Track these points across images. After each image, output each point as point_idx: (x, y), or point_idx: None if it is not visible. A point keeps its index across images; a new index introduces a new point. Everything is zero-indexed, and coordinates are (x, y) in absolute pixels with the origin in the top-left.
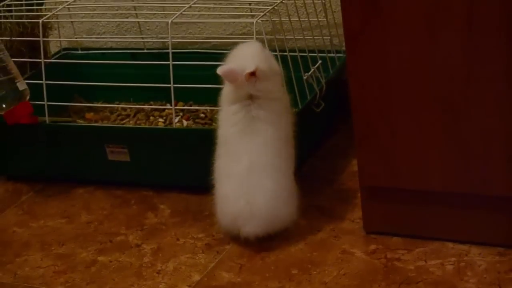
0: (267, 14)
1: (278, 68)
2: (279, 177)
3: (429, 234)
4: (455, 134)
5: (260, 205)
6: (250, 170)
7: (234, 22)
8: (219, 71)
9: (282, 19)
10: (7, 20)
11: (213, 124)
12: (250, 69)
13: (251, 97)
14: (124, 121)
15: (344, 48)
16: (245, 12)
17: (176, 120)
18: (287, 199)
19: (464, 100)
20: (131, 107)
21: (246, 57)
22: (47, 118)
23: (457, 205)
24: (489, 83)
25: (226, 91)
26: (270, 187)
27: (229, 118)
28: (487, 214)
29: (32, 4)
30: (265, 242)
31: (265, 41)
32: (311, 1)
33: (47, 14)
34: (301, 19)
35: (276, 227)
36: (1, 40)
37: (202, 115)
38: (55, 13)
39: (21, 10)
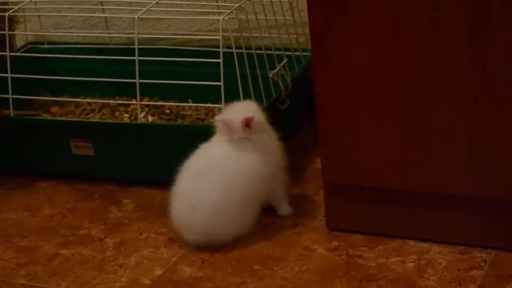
0: (234, 11)
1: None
2: (215, 208)
3: (391, 232)
4: (418, 134)
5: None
6: (194, 193)
7: (201, 19)
8: (218, 118)
9: (248, 17)
10: None
11: (178, 120)
12: (246, 116)
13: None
14: (89, 116)
15: (309, 47)
16: (212, 9)
17: (142, 115)
18: (218, 229)
19: (427, 100)
20: (97, 102)
21: (242, 110)
22: (11, 112)
23: (419, 204)
24: (452, 84)
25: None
26: (203, 217)
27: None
28: (448, 213)
29: None
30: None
31: (232, 38)
32: (278, 0)
33: (14, 8)
34: (267, 17)
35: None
36: None
37: (167, 111)
38: (22, 6)
39: None
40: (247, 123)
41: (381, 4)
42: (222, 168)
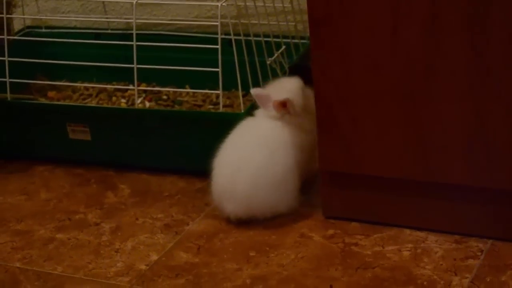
0: None
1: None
2: (259, 180)
3: (387, 220)
4: (415, 123)
5: (239, 203)
6: (237, 165)
7: (199, 5)
8: (252, 92)
9: (247, 3)
10: None
11: (175, 106)
12: (279, 98)
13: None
14: (86, 101)
15: (308, 35)
16: None
17: (139, 101)
18: (264, 203)
19: (424, 90)
20: (94, 87)
21: (283, 88)
22: (8, 95)
23: (415, 192)
24: (449, 74)
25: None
26: (247, 189)
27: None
28: (445, 202)
29: None
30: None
31: (230, 25)
32: None
33: None
34: (266, 4)
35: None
36: None
37: (164, 96)
38: None
39: None
40: (283, 105)
41: None
42: (266, 137)
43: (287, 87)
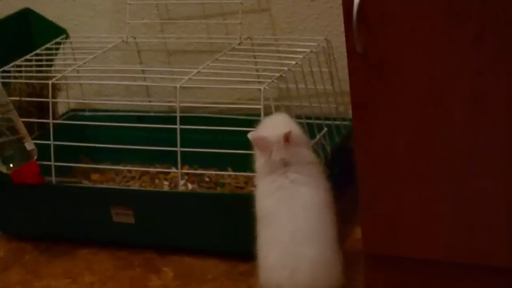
0: (274, 81)
1: (304, 135)
2: (322, 244)
3: None
4: (459, 205)
5: (304, 276)
6: (294, 237)
7: (241, 88)
8: (250, 137)
9: (289, 85)
10: (17, 81)
11: (218, 188)
12: (285, 131)
13: (285, 164)
14: (129, 183)
15: (350, 116)
16: (253, 78)
17: (181, 183)
18: (330, 268)
19: (469, 172)
20: (137, 170)
21: (277, 125)
22: (53, 179)
23: (460, 275)
24: (494, 155)
25: (260, 163)
26: (314, 256)
27: (267, 188)
28: (490, 285)
29: (41, 65)
30: None
31: (272, 108)
32: (318, 69)
33: (57, 76)
34: (308, 87)
35: None
36: (11, 100)
37: (207, 179)
38: (65, 75)
39: (30, 71)
40: (286, 139)
41: (422, 75)
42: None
43: (279, 122)
